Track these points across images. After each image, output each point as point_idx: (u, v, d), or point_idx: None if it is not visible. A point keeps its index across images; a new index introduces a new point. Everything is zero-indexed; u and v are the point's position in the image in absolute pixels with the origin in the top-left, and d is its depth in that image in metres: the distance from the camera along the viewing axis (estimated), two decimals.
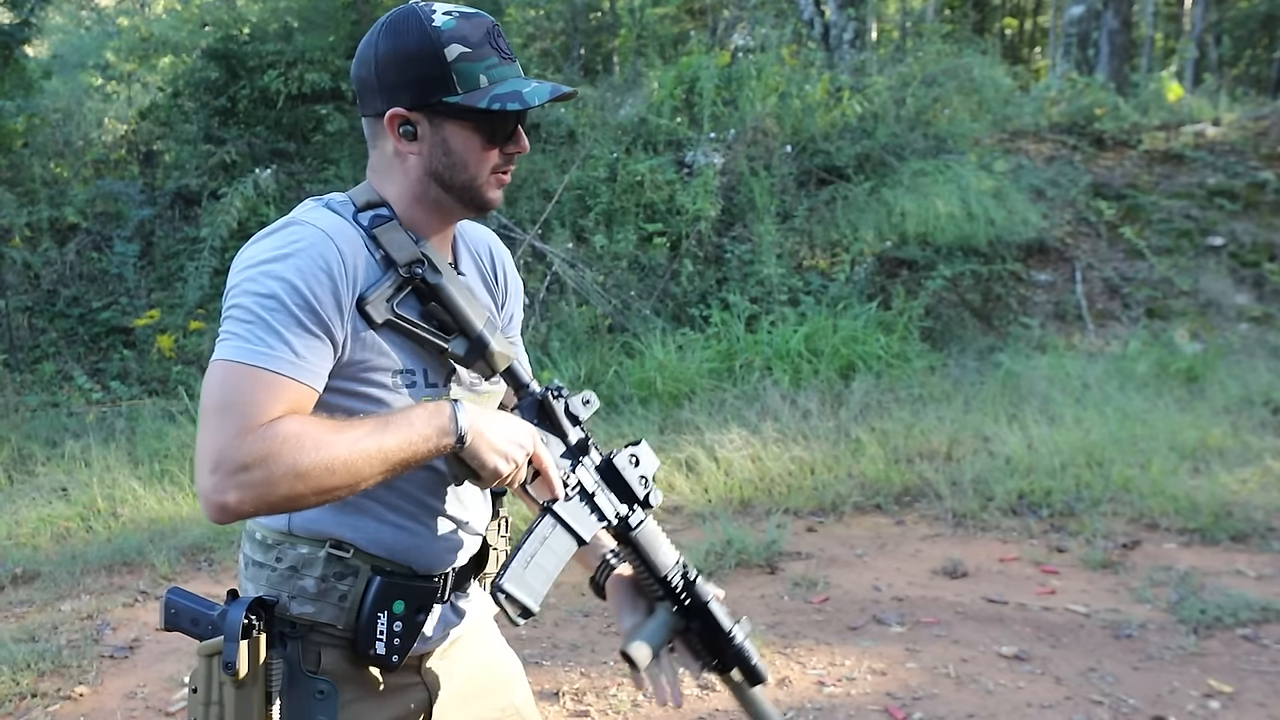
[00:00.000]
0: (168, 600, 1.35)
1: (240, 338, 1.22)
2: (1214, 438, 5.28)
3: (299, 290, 1.23)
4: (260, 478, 1.16)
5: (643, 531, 1.44)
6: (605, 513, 1.42)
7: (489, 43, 1.33)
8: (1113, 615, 3.61)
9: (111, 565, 4.33)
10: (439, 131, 1.33)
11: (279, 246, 1.26)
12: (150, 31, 11.71)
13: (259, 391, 1.20)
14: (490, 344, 1.36)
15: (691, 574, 1.47)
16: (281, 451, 1.16)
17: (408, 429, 1.23)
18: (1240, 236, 8.68)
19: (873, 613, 3.72)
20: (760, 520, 4.65)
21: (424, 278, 1.32)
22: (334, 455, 1.19)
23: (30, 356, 7.28)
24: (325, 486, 1.20)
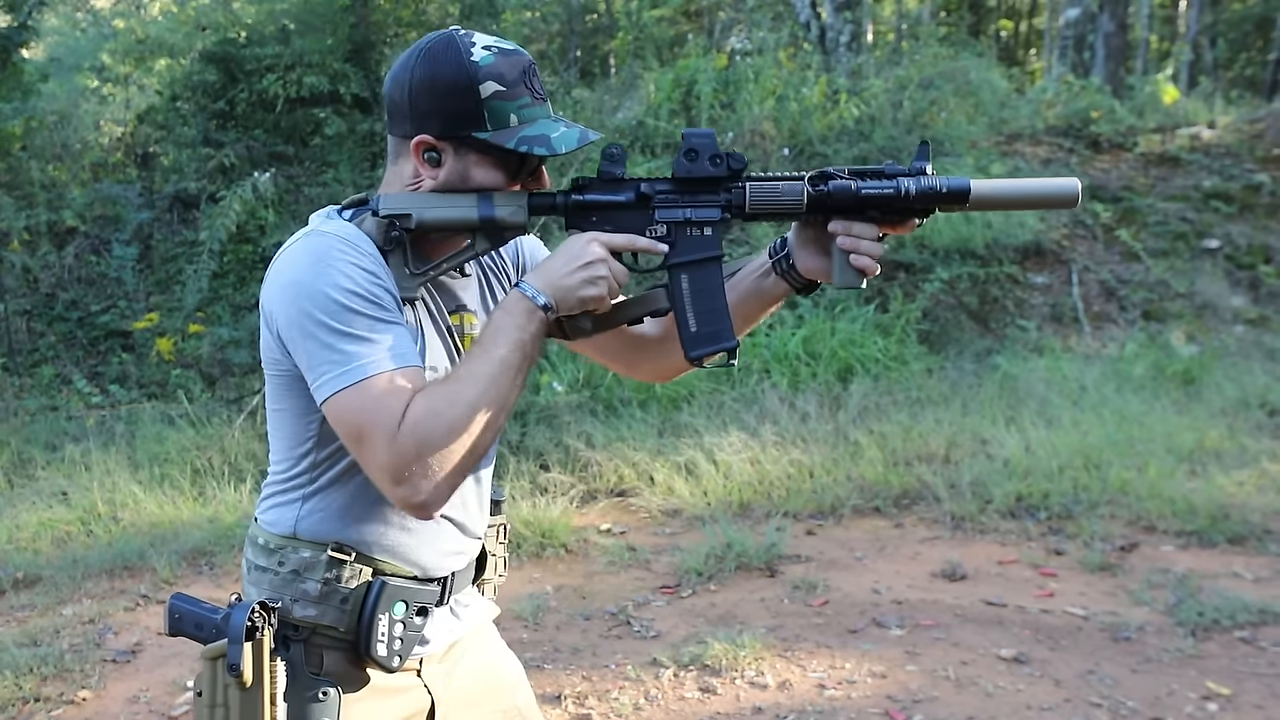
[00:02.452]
0: (171, 605, 1.37)
1: (334, 364, 1.25)
2: (1211, 440, 5.30)
3: (355, 292, 1.27)
4: (432, 461, 1.22)
5: (753, 195, 1.35)
6: (709, 219, 1.36)
7: (524, 82, 1.35)
8: (1111, 617, 3.63)
9: (112, 569, 4.34)
10: (462, 161, 1.36)
11: (316, 263, 1.28)
12: (146, 34, 11.72)
13: (379, 399, 1.23)
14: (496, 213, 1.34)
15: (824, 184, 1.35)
16: (430, 428, 1.21)
17: (505, 331, 1.28)
18: (1236, 239, 8.71)
19: (872, 615, 3.74)
20: (760, 523, 4.66)
21: (404, 228, 1.33)
22: (469, 397, 1.24)
23: (29, 360, 7.28)
24: (485, 425, 1.24)
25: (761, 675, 3.31)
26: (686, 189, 1.35)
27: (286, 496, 1.41)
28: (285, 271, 1.30)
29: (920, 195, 1.34)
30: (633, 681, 3.30)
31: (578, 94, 10.05)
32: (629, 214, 1.36)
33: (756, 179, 1.35)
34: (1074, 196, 1.35)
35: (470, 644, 1.56)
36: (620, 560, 4.31)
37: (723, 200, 1.35)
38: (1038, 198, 1.38)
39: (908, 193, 1.33)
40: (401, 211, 1.32)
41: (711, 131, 1.35)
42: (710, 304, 1.35)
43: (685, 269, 1.36)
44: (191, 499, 4.99)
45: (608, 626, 3.74)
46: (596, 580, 4.16)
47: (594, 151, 7.64)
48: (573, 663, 3.47)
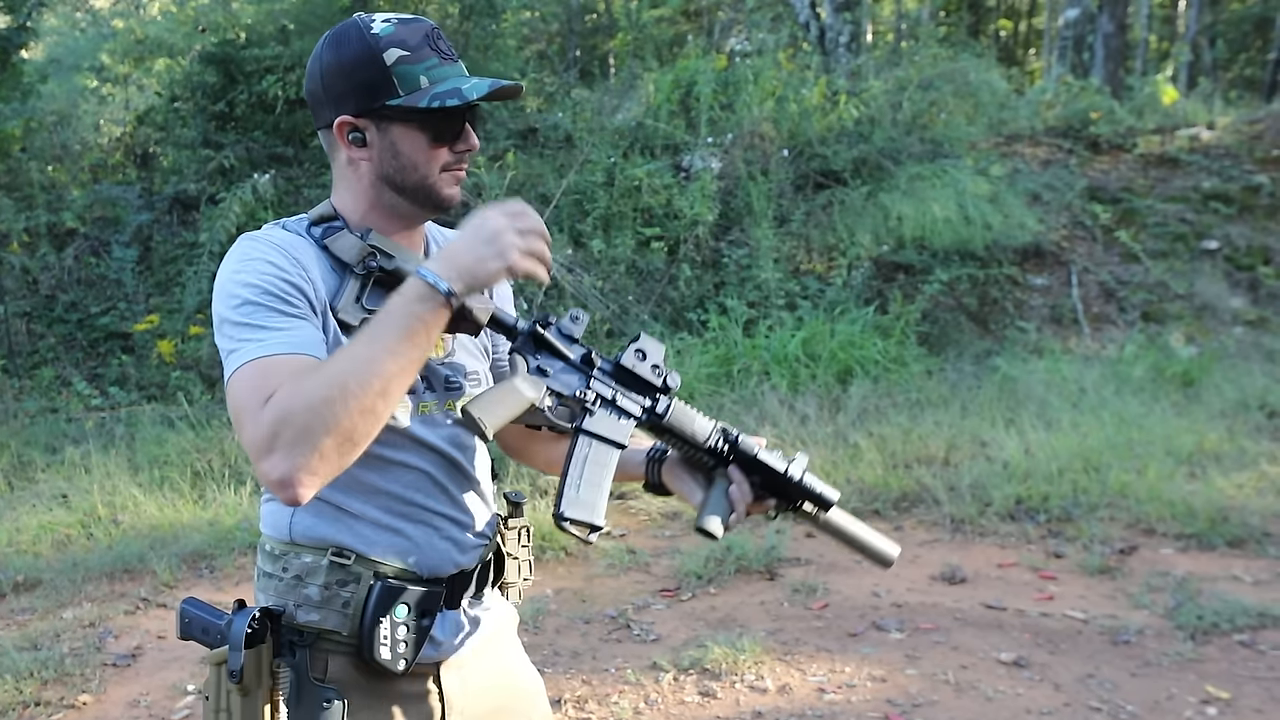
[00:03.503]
0: (182, 610, 1.39)
1: (231, 354, 1.26)
2: (1210, 442, 5.31)
3: (263, 288, 1.27)
4: (291, 435, 1.15)
5: (673, 414, 1.43)
6: (631, 411, 1.41)
7: (428, 44, 1.36)
8: (1110, 621, 3.64)
9: (113, 572, 4.34)
10: (386, 135, 1.36)
11: (235, 261, 1.31)
12: (145, 34, 11.71)
13: (258, 379, 1.22)
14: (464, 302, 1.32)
15: (733, 434, 1.46)
16: (290, 404, 1.16)
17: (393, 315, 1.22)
18: (1235, 240, 8.72)
19: (872, 619, 3.74)
20: (759, 525, 4.66)
21: (380, 267, 1.34)
22: (336, 375, 1.18)
23: (29, 362, 7.28)
24: (355, 407, 1.17)
25: (761, 679, 3.31)
26: (623, 379, 1.42)
27: (276, 499, 1.38)
28: (218, 276, 1.34)
29: (797, 485, 1.47)
30: (633, 685, 3.30)
31: (577, 94, 10.06)
32: (570, 368, 1.40)
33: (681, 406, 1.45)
34: (892, 560, 1.53)
35: (489, 652, 1.55)
36: (620, 563, 4.32)
37: (647, 403, 1.42)
38: (865, 546, 1.53)
39: (789, 476, 1.46)
40: (387, 250, 1.35)
41: (664, 347, 1.44)
42: (597, 480, 1.39)
43: (593, 439, 1.39)
44: (191, 502, 5.00)
45: (607, 630, 3.74)
46: (596, 583, 4.17)
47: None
48: (572, 666, 3.47)
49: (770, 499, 1.49)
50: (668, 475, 1.53)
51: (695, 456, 1.48)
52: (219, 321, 1.30)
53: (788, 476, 1.46)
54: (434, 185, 1.39)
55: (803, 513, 1.50)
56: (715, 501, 1.45)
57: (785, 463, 1.47)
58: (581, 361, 1.40)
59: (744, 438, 1.47)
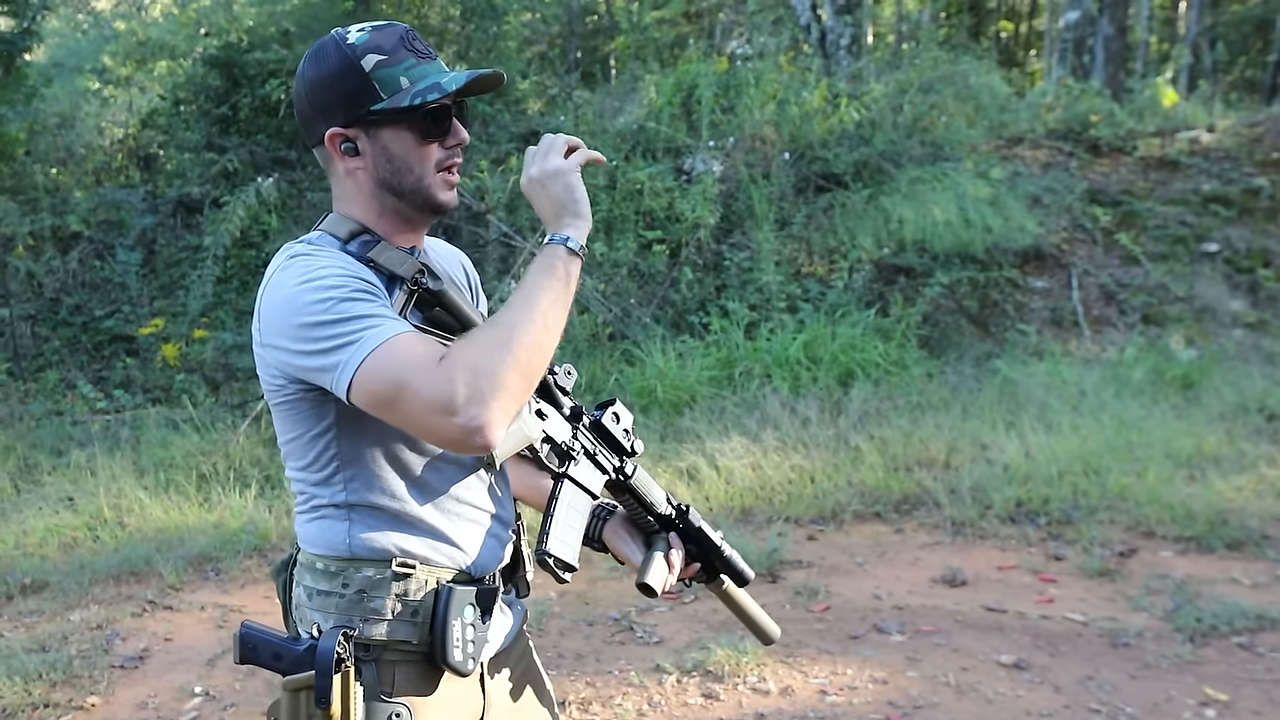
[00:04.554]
0: (244, 636, 1.32)
1: (345, 346, 1.25)
2: (1209, 445, 5.33)
3: (350, 287, 1.28)
4: (484, 383, 1.21)
5: (637, 478, 1.58)
6: (606, 468, 1.54)
7: (404, 46, 1.39)
8: (1110, 623, 3.67)
9: (119, 575, 4.37)
10: (377, 141, 1.39)
11: (301, 273, 1.30)
12: (147, 35, 11.75)
13: (404, 352, 1.24)
14: None
15: (683, 505, 1.63)
16: (474, 355, 1.23)
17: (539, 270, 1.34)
18: (1235, 243, 8.74)
19: (873, 621, 3.77)
20: (761, 528, 4.70)
21: (427, 286, 1.37)
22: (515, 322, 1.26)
23: (34, 365, 7.32)
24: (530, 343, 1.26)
25: (764, 681, 3.34)
26: (602, 438, 1.55)
27: (329, 517, 1.40)
28: (272, 295, 1.33)
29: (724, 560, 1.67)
30: (636, 687, 3.33)
31: (579, 96, 10.09)
32: (560, 416, 1.50)
33: (643, 472, 1.61)
34: (775, 638, 1.78)
35: (516, 645, 1.58)
36: (622, 566, 4.33)
37: (618, 463, 1.56)
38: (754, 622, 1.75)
39: (721, 549, 1.66)
40: (435, 271, 1.42)
41: (631, 416, 1.59)
42: (575, 524, 1.49)
43: (573, 485, 1.50)
44: (197, 504, 5.03)
45: (611, 632, 3.77)
46: (599, 586, 4.20)
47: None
48: (576, 668, 3.50)
49: (698, 565, 1.67)
50: (609, 534, 1.65)
51: (643, 519, 1.62)
52: (303, 329, 1.27)
53: (719, 550, 1.66)
54: (429, 187, 1.41)
55: (716, 588, 1.70)
56: (657, 563, 1.59)
57: (720, 539, 1.66)
58: (570, 414, 1.52)
59: (693, 510, 1.65)
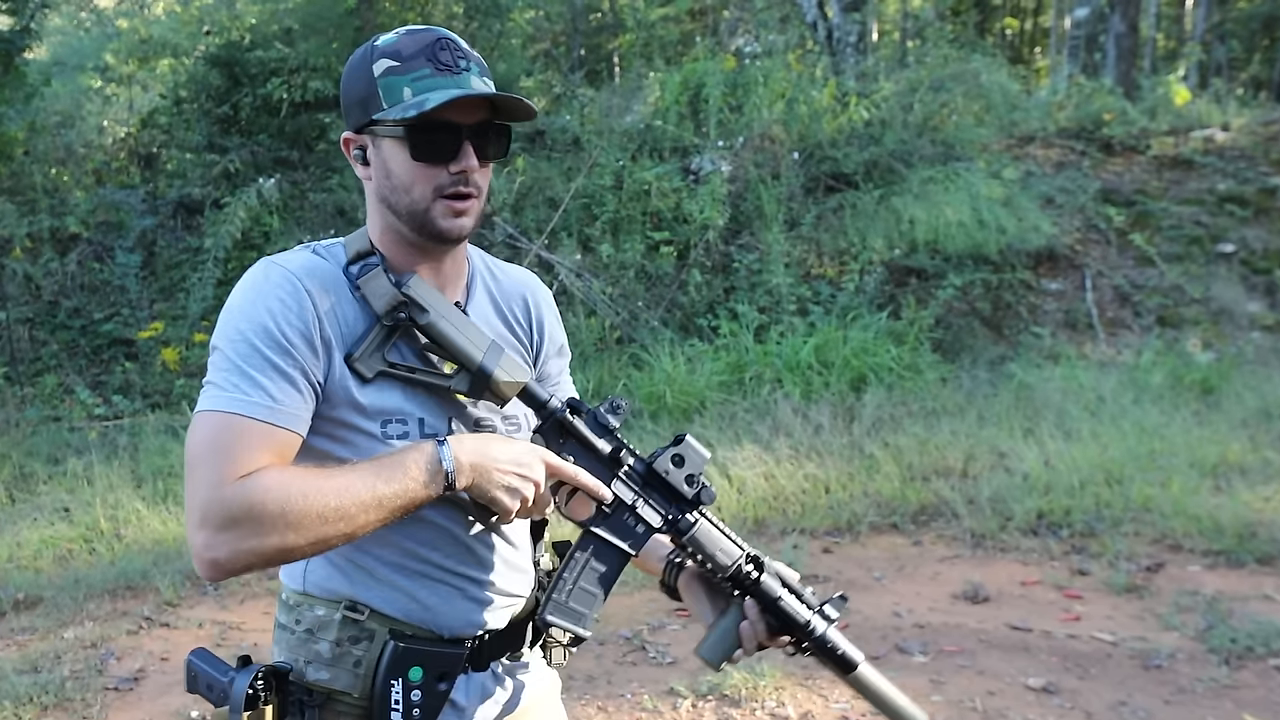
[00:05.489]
0: (189, 663, 1.32)
1: (217, 386, 1.20)
2: (1234, 453, 5.20)
3: (269, 331, 1.20)
4: (248, 531, 1.13)
5: (698, 532, 1.36)
6: (650, 522, 1.35)
7: (424, 55, 1.25)
8: (1140, 644, 3.53)
9: (115, 589, 4.25)
10: (380, 153, 1.29)
11: (248, 289, 1.24)
12: (150, 33, 11.65)
13: (237, 440, 1.17)
14: (493, 373, 1.28)
15: (754, 572, 1.39)
16: (266, 502, 1.13)
17: (402, 473, 1.19)
18: (1251, 243, 8.60)
19: (894, 641, 3.64)
20: (775, 540, 4.57)
21: (411, 318, 1.26)
22: (324, 503, 1.15)
23: (31, 369, 7.20)
24: (319, 536, 1.16)
25: (782, 705, 3.21)
26: (652, 483, 1.35)
27: None
28: (229, 298, 1.27)
29: (816, 641, 1.40)
30: (650, 712, 3.21)
31: (583, 94, 9.96)
32: (595, 462, 1.33)
33: (711, 523, 1.37)
34: None
35: (533, 717, 1.45)
36: (634, 580, 4.21)
37: (672, 515, 1.35)
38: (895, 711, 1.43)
39: (811, 630, 1.39)
40: (421, 304, 1.26)
41: (707, 455, 1.36)
42: (593, 586, 1.34)
43: (596, 542, 1.34)
44: None
45: (622, 652, 3.65)
46: (610, 603, 4.04)
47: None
48: (587, 691, 3.37)
49: (785, 638, 1.42)
50: (683, 585, 1.47)
51: (715, 577, 1.41)
52: (215, 343, 1.23)
53: (809, 630, 1.40)
54: (426, 213, 1.27)
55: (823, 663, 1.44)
56: (724, 633, 1.40)
57: (810, 614, 1.40)
58: (611, 457, 1.34)
59: (767, 576, 1.39)
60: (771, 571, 1.40)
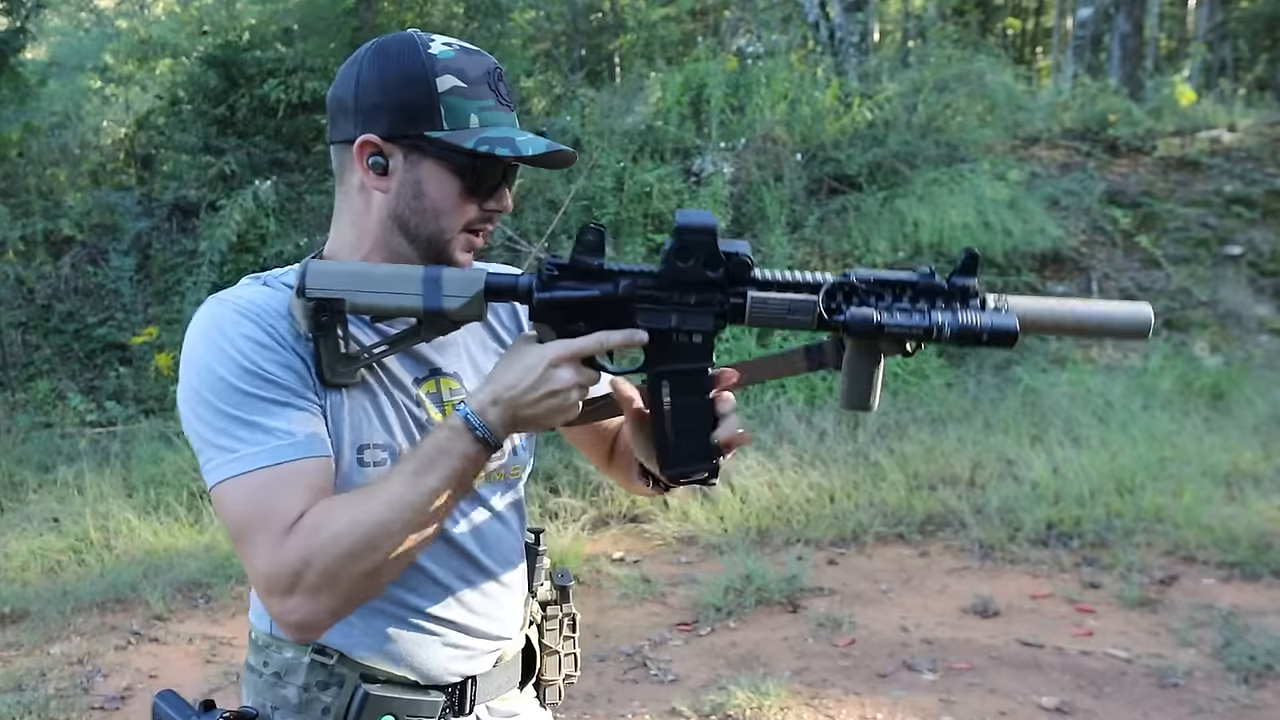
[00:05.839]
0: (154, 705, 1.25)
1: (221, 449, 1.09)
2: (1246, 461, 5.10)
3: (248, 370, 1.09)
4: (315, 580, 1.05)
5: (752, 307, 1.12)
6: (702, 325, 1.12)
7: (488, 83, 1.17)
8: (1156, 661, 3.44)
9: (104, 602, 4.16)
10: (414, 170, 1.17)
11: (208, 334, 1.12)
12: (150, 34, 11.57)
13: (270, 495, 1.07)
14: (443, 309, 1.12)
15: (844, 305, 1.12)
16: (322, 545, 1.05)
17: (444, 457, 1.08)
18: (1259, 245, 8.51)
19: (902, 657, 3.54)
20: (779, 551, 4.48)
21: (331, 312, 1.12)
22: (378, 522, 1.06)
23: (24, 374, 7.10)
24: (389, 555, 1.07)
25: None
26: (675, 289, 1.13)
27: None
28: (185, 345, 1.15)
29: (956, 335, 1.10)
30: None
31: (584, 95, 9.86)
32: (604, 312, 1.13)
33: (763, 286, 1.12)
34: (1145, 326, 1.14)
35: None
36: (635, 593, 4.13)
37: (718, 307, 1.13)
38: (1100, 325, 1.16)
39: (940, 332, 1.10)
40: (331, 295, 1.11)
41: (712, 221, 1.11)
42: (692, 421, 1.16)
43: (667, 378, 1.15)
44: (188, 525, 4.81)
45: (623, 669, 3.55)
46: (610, 615, 3.97)
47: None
48: (587, 710, 3.28)
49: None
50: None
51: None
52: (196, 406, 1.11)
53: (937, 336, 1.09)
54: (449, 244, 1.19)
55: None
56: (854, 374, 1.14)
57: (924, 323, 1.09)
58: (617, 297, 1.13)
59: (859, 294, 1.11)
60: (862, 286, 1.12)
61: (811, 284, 1.12)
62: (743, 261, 1.11)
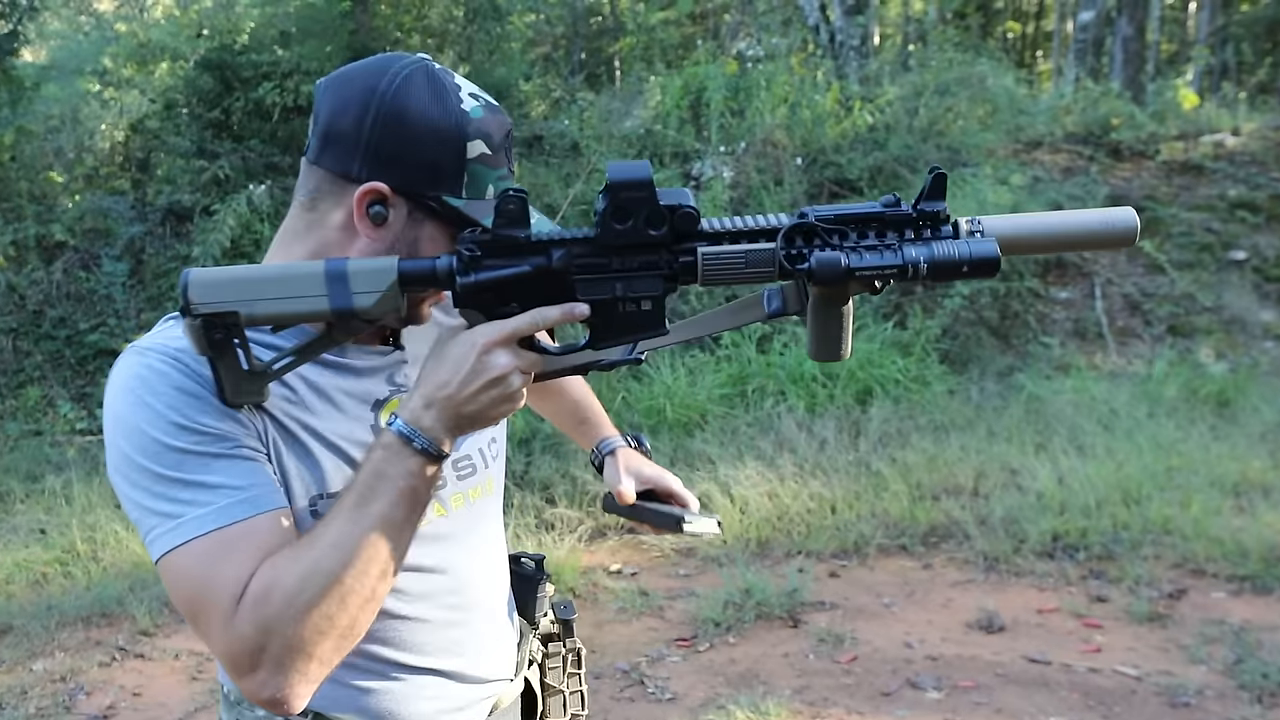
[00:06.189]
0: None
1: (162, 515, 0.97)
2: (1254, 471, 5.01)
3: (182, 426, 0.98)
4: (279, 651, 0.94)
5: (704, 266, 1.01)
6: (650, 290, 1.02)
7: (504, 149, 1.09)
8: (1166, 678, 3.35)
9: (89, 617, 4.07)
10: (415, 228, 1.07)
11: (133, 391, 1.00)
12: (149, 37, 11.50)
13: (212, 564, 0.96)
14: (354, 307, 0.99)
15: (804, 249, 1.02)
16: (275, 612, 0.94)
17: (383, 482, 0.97)
18: (1264, 250, 8.43)
19: (906, 675, 3.45)
20: (780, 563, 4.39)
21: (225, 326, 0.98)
22: (329, 571, 0.94)
23: (14, 381, 7.01)
24: (356, 603, 0.96)
25: None
26: (615, 253, 1.01)
27: None
28: (107, 405, 1.03)
29: (933, 269, 1.01)
30: None
31: (583, 98, 9.79)
32: (536, 288, 1.01)
33: (714, 239, 1.01)
34: (1132, 232, 1.07)
35: None
36: (632, 607, 4.03)
37: (666, 268, 1.02)
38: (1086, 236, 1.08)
39: (916, 269, 1.01)
40: (222, 310, 0.97)
41: (646, 173, 0.98)
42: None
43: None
44: None
45: (620, 687, 3.46)
46: (607, 630, 3.88)
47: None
48: None
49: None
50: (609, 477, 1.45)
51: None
52: (129, 474, 0.99)
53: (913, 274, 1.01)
54: (424, 300, 1.11)
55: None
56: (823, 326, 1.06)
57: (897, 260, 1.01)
58: (549, 270, 1.01)
59: (821, 235, 1.01)
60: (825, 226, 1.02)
61: (767, 229, 1.02)
62: (688, 214, 1.00)
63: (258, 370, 1.01)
